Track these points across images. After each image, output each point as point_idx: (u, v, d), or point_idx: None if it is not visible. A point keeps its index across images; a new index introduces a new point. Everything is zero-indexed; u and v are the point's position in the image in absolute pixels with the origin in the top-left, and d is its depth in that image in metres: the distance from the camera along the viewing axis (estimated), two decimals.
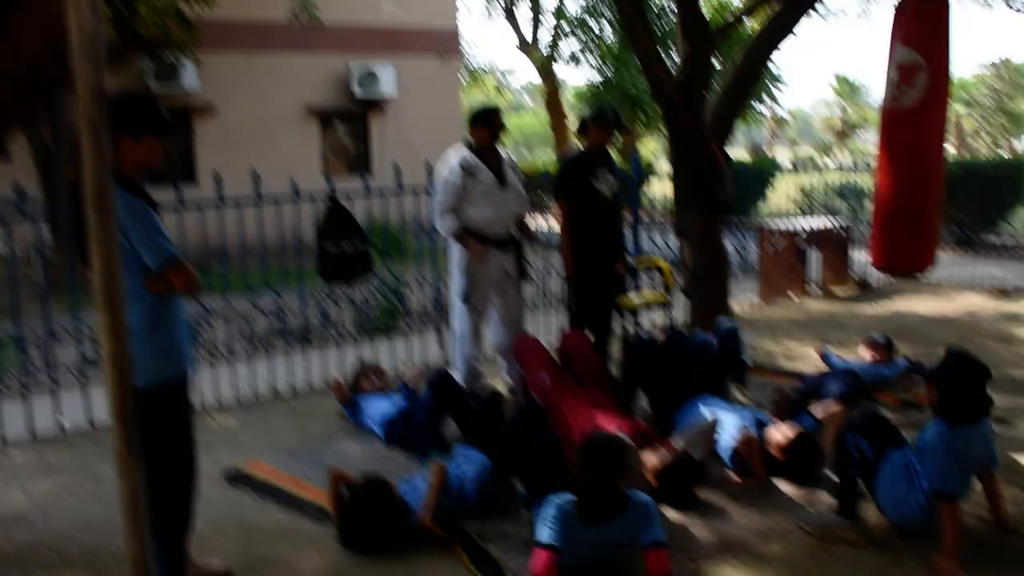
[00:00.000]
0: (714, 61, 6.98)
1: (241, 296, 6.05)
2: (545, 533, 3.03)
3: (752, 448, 4.04)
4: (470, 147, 5.28)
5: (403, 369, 5.84)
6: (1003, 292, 8.79)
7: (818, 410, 4.48)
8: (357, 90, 16.14)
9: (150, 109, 3.07)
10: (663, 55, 6.61)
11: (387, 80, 16.25)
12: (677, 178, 6.53)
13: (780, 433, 4.14)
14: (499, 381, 5.75)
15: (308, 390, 5.98)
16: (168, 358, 3.00)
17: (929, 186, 5.39)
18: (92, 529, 3.80)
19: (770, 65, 22.18)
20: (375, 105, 16.69)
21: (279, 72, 15.54)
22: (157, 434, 2.91)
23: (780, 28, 6.87)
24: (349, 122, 17.03)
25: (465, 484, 3.70)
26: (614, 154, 5.68)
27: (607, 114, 5.55)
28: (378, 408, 4.90)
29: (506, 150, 5.50)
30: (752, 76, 7.06)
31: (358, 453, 4.63)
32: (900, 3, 5.63)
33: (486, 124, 5.20)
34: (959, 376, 3.34)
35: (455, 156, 5.24)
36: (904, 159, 5.46)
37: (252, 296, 5.91)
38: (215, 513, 3.91)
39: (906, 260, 5.63)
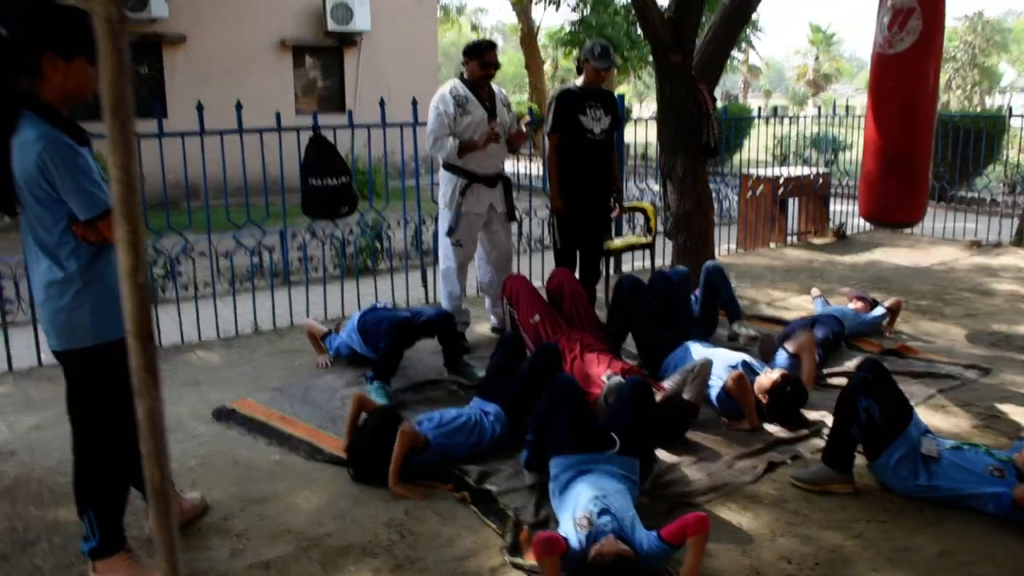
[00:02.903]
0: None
1: (222, 233, 5.92)
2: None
3: (743, 387, 4.06)
4: (463, 79, 5.18)
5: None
6: (977, 244, 8.90)
7: (790, 345, 4.58)
8: (331, 23, 15.70)
9: (84, 24, 2.40)
10: None
11: (362, 14, 15.82)
12: (664, 120, 6.45)
13: (765, 377, 4.19)
14: (483, 319, 5.74)
15: (290, 328, 5.91)
16: (111, 313, 2.58)
17: (921, 135, 5.33)
18: None
19: None
20: (349, 40, 16.28)
21: (251, 2, 15.08)
22: (99, 397, 2.64)
23: None
24: (323, 57, 16.61)
25: (482, 433, 3.73)
26: None
27: (598, 51, 5.45)
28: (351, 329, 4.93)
29: (499, 87, 5.41)
30: (741, 18, 6.93)
31: (344, 387, 4.60)
32: None
33: (479, 57, 5.09)
34: None
35: (447, 87, 5.15)
36: (896, 106, 5.39)
37: (234, 233, 5.79)
38: (206, 450, 3.88)
39: (896, 211, 5.56)
